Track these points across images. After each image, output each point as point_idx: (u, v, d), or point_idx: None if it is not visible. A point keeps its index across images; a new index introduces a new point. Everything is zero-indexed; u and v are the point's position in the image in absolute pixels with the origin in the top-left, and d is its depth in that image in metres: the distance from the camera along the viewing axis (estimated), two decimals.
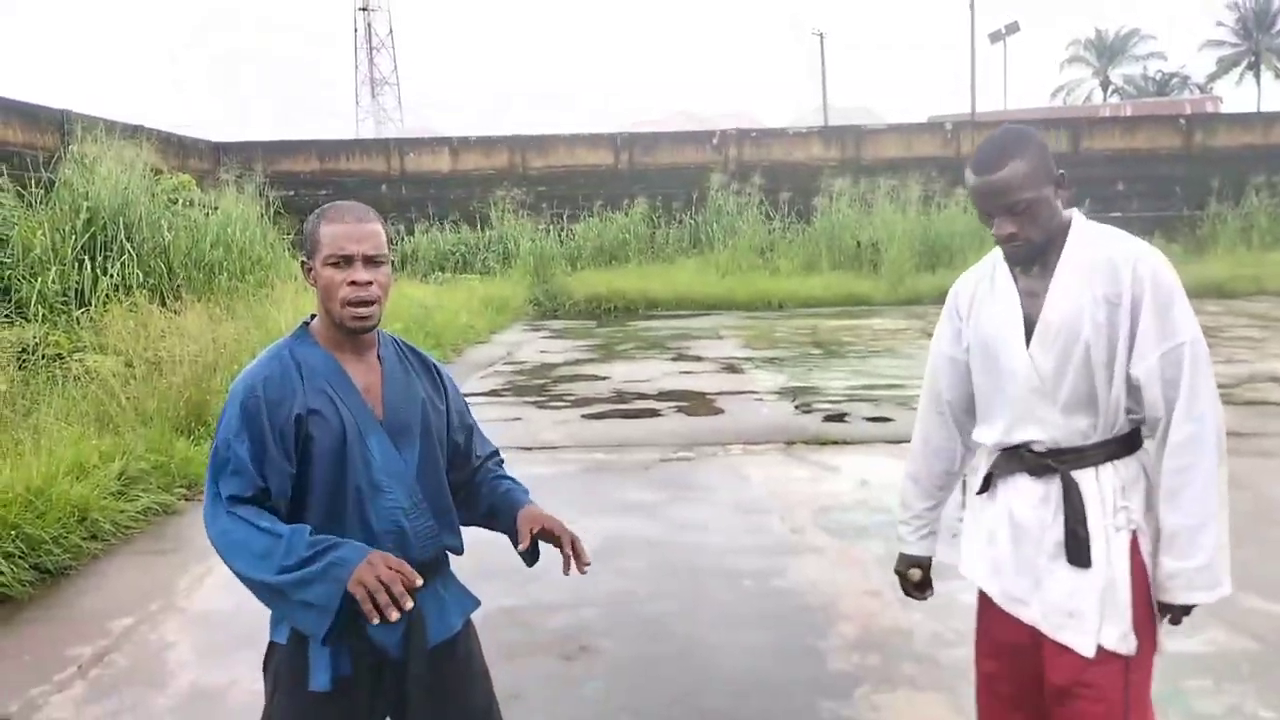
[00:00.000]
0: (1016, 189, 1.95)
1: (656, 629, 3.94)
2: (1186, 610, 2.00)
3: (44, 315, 8.51)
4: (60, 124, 13.64)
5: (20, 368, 6.90)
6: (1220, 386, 1.93)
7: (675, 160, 21.47)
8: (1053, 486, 2.02)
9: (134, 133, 13.86)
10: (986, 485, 2.15)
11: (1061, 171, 2.02)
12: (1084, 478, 1.99)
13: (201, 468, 5.98)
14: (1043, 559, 2.03)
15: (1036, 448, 2.04)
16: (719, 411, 8.28)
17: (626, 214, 20.49)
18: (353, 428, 1.88)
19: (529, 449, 6.99)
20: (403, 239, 19.86)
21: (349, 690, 1.86)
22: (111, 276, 9.42)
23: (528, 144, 21.81)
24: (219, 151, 20.29)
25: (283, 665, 1.90)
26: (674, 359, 11.44)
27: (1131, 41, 57.77)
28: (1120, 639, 1.97)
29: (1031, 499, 2.05)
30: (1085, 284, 1.96)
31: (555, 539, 2.02)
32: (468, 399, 2.21)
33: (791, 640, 3.78)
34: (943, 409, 2.27)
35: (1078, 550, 1.98)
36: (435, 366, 2.12)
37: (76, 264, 9.36)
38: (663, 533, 5.14)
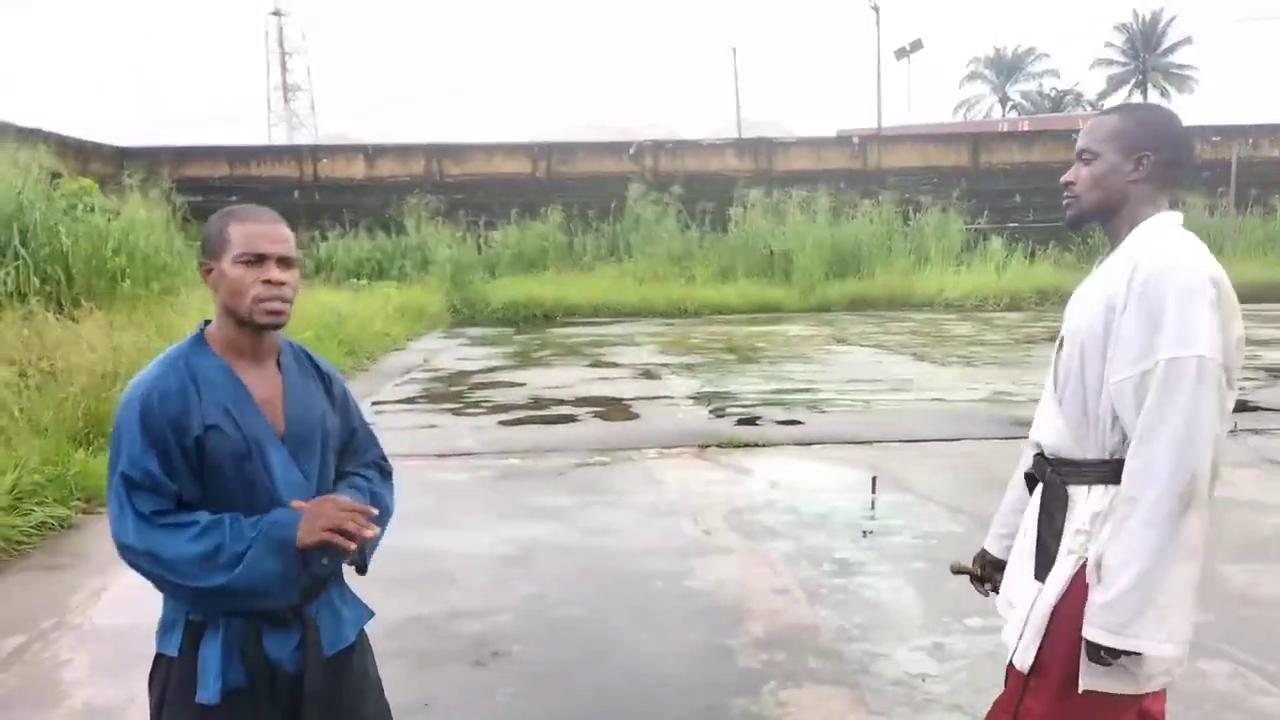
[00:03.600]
0: (1089, 133, 1.94)
1: (569, 633, 3.96)
2: (1098, 651, 1.78)
3: None
4: None
5: None
6: None
7: (593, 169, 21.54)
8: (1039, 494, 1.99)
9: (30, 135, 13.32)
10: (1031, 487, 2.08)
11: (1147, 153, 1.88)
12: (1076, 494, 1.89)
13: (99, 479, 5.77)
14: (1025, 564, 1.99)
15: (1045, 453, 1.98)
16: (635, 416, 8.34)
17: (544, 222, 20.46)
18: (254, 443, 1.83)
19: (444, 456, 6.94)
20: (316, 246, 19.50)
21: (239, 703, 1.81)
22: (5, 283, 9.03)
23: (445, 151, 21.63)
24: (123, 156, 19.62)
25: (171, 677, 1.84)
26: (591, 365, 11.48)
27: (1028, 60, 60.17)
28: (1020, 652, 1.92)
29: (1035, 505, 2.01)
30: (1104, 284, 1.87)
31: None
32: (382, 406, 2.21)
33: (702, 640, 3.85)
34: None
35: (1042, 563, 1.92)
36: (329, 373, 2.07)
37: None
38: (577, 537, 5.16)
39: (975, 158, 22.02)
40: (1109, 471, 1.84)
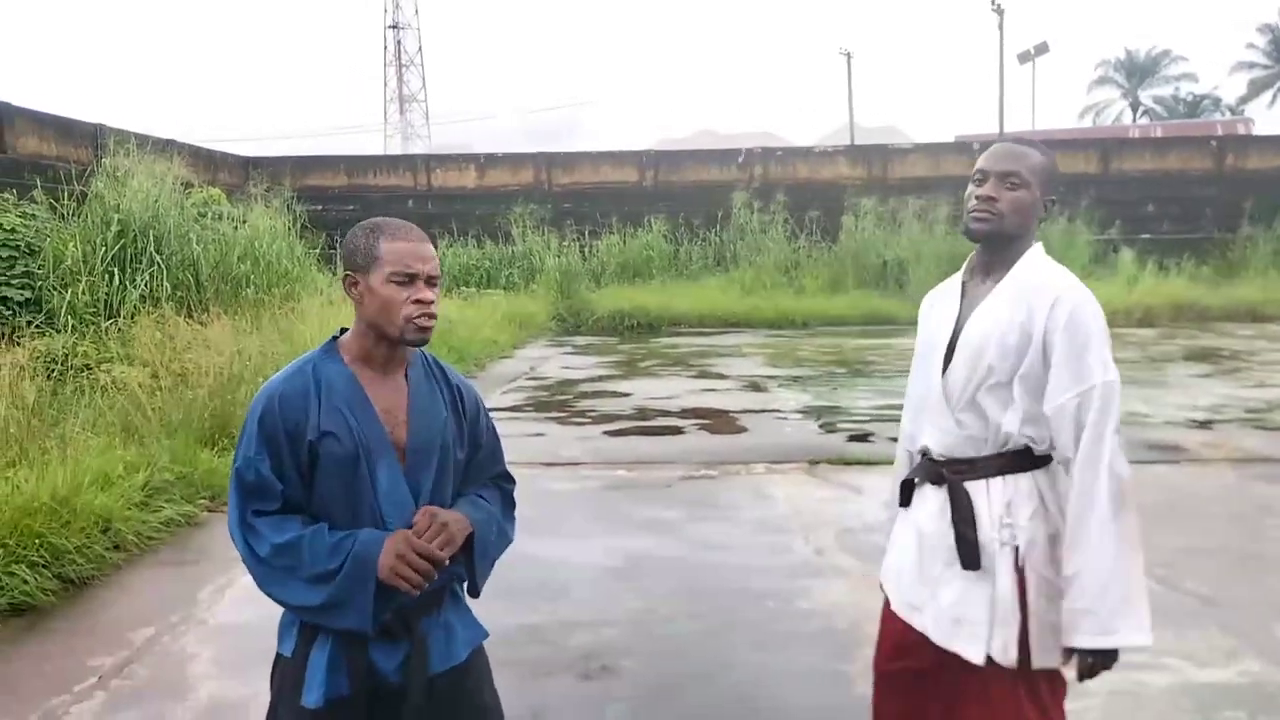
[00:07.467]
0: (1016, 159, 2.08)
1: (678, 649, 3.89)
2: (1086, 656, 1.97)
3: (73, 326, 8.59)
4: (94, 137, 13.85)
5: (49, 378, 6.96)
6: (1253, 411, 1.88)
7: (700, 178, 21.50)
8: (945, 495, 2.12)
9: (165, 147, 14.03)
10: (907, 494, 2.27)
11: (1053, 198, 2.13)
12: (975, 489, 2.07)
13: (224, 479, 5.99)
14: (938, 567, 2.11)
15: (935, 455, 2.15)
16: (742, 430, 8.22)
17: (649, 231, 20.48)
18: (364, 451, 1.83)
19: (550, 465, 6.97)
20: None
21: (343, 711, 1.82)
22: (140, 288, 9.51)
23: (554, 161, 21.92)
24: (248, 165, 20.53)
25: (285, 677, 1.88)
26: (697, 376, 11.40)
27: (1162, 63, 57.26)
28: (1002, 650, 2.01)
29: (933, 509, 2.15)
30: (1012, 308, 2.05)
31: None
32: (490, 413, 2.18)
33: (816, 663, 3.72)
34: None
35: (968, 553, 2.04)
36: (459, 385, 2.05)
37: (106, 276, 9.46)
38: (685, 551, 5.09)
39: (1105, 165, 21.07)
40: (1004, 463, 2.06)
